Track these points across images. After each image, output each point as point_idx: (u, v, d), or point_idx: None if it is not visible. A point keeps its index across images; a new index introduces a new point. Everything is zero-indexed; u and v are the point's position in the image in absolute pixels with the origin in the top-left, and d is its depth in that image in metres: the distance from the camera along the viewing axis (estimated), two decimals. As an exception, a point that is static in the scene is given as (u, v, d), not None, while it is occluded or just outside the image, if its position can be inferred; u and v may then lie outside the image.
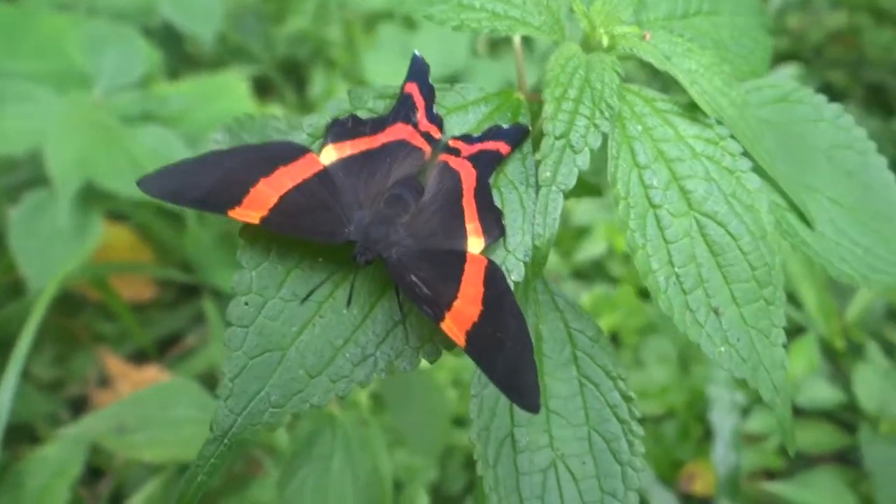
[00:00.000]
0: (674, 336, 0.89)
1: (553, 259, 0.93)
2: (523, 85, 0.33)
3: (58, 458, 0.63)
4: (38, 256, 0.80)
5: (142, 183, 0.23)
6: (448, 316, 0.23)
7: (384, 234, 0.25)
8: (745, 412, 0.74)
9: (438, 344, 0.25)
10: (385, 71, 1.01)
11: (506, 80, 0.96)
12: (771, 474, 0.69)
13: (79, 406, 0.86)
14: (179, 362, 0.88)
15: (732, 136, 0.29)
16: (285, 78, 1.27)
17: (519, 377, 0.23)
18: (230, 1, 1.29)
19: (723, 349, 0.28)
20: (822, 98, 0.35)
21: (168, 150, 0.79)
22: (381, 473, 0.51)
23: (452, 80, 1.01)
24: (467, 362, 0.77)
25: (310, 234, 0.24)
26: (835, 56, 1.14)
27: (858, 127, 0.35)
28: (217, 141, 0.35)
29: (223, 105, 1.00)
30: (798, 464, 0.69)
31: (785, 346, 0.29)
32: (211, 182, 0.24)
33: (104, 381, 0.89)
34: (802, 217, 0.32)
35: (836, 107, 0.35)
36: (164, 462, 0.59)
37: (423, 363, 0.25)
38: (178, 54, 1.23)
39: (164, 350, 0.91)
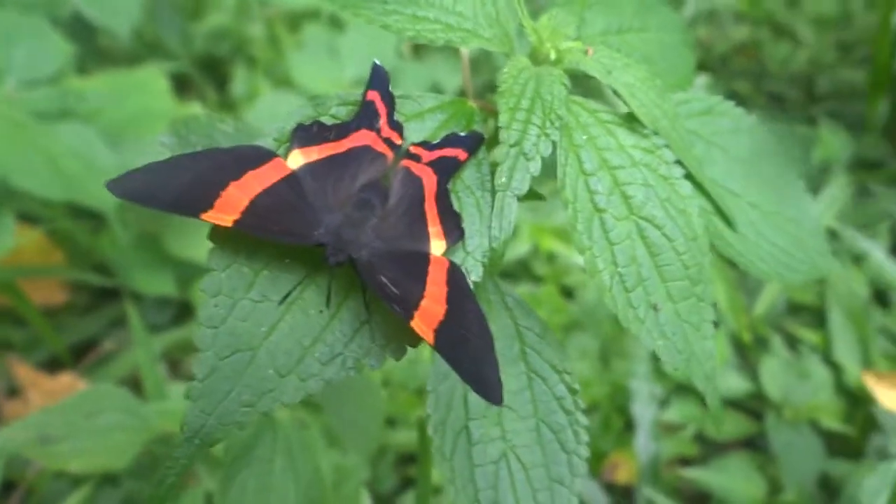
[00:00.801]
0: (596, 332, 0.93)
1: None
2: (470, 93, 0.34)
3: (13, 441, 0.59)
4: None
5: (111, 185, 0.23)
6: (417, 315, 0.24)
7: (354, 236, 0.25)
8: (663, 403, 0.78)
9: (404, 342, 0.26)
10: (311, 71, 1.01)
11: (432, 83, 0.97)
12: (687, 461, 0.74)
13: (-13, 417, 0.82)
14: (97, 368, 0.85)
15: (667, 146, 0.32)
16: (205, 75, 1.24)
17: (483, 372, 0.24)
18: (148, -7, 1.25)
19: (661, 343, 0.30)
20: (741, 110, 0.38)
21: (88, 148, 0.76)
22: (321, 474, 0.51)
23: (380, 82, 1.02)
24: (397, 364, 0.78)
25: (282, 235, 0.25)
26: (739, 67, 1.22)
27: (772, 138, 0.39)
28: (164, 143, 0.35)
29: (141, 102, 0.97)
30: (711, 450, 0.73)
31: (713, 339, 0.32)
32: (181, 185, 0.24)
33: (13, 391, 0.85)
34: (727, 220, 0.35)
35: (752, 118, 0.38)
36: (92, 472, 0.58)
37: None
38: (90, 48, 1.18)
39: (79, 356, 0.88)
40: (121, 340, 0.90)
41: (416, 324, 0.24)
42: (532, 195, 0.33)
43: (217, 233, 0.25)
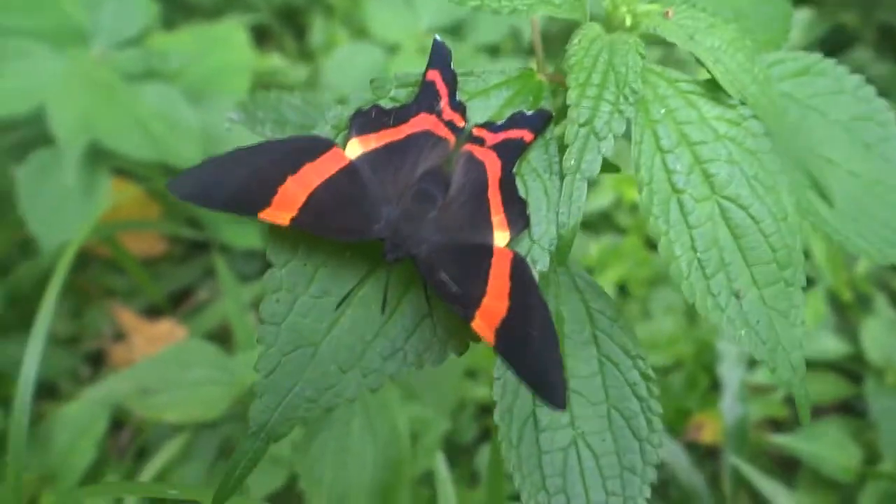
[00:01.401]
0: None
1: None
2: (542, 65, 0.32)
3: (82, 417, 0.64)
4: (48, 216, 0.80)
5: (170, 186, 0.23)
6: (478, 314, 0.24)
7: (413, 230, 0.25)
8: (752, 363, 0.75)
9: (465, 338, 0.25)
10: (387, 20, 0.99)
11: (512, 30, 0.94)
12: (777, 424, 0.71)
13: (97, 361, 0.87)
14: (192, 316, 0.89)
15: (755, 116, 0.29)
16: (284, 26, 1.24)
17: (546, 375, 0.23)
18: (229, -55, 1.25)
19: (743, 332, 0.28)
20: (843, 69, 0.35)
21: (171, 108, 0.78)
22: (398, 432, 0.52)
23: (455, 30, 0.99)
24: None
25: (340, 233, 0.24)
26: (847, -5, 1.11)
27: (879, 98, 0.35)
28: (232, 119, 0.35)
29: (222, 57, 0.98)
30: (803, 413, 0.70)
31: (803, 326, 0.30)
32: (238, 183, 0.24)
33: (119, 336, 0.90)
34: (823, 194, 0.32)
35: (856, 78, 0.35)
36: (186, 422, 0.61)
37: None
38: (175, 3, 1.20)
39: (176, 304, 0.92)
40: (213, 289, 0.94)
41: (477, 324, 0.24)
42: (607, 167, 0.32)
43: (275, 227, 0.25)
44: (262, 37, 1.19)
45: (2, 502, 0.49)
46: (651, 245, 0.94)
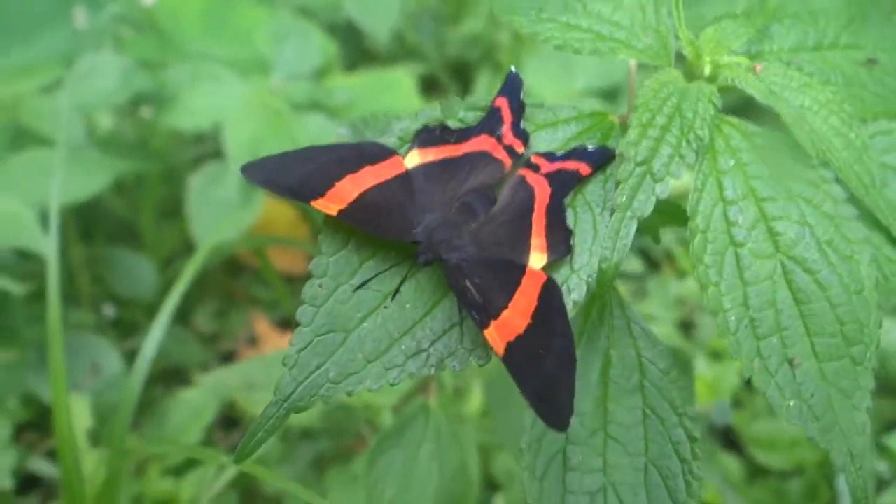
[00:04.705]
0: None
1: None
2: (631, 107, 0.33)
3: (196, 402, 0.70)
4: (208, 220, 0.89)
5: (244, 168, 0.27)
6: (493, 324, 0.24)
7: (447, 237, 0.26)
8: (882, 484, 0.67)
9: (490, 349, 0.26)
10: (543, 79, 1.02)
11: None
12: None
13: (229, 359, 0.95)
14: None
15: (838, 180, 0.28)
16: (452, 78, 1.31)
17: (553, 395, 0.23)
18: (413, 2, 1.36)
19: (792, 403, 0.26)
20: (968, 149, 0.32)
21: (327, 137, 0.85)
22: (468, 469, 0.52)
23: (610, 94, 1.00)
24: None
25: (380, 230, 0.26)
26: None
27: None
28: (341, 135, 0.38)
29: (389, 99, 1.06)
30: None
31: (869, 411, 0.27)
32: (303, 174, 0.26)
33: (252, 341, 0.97)
34: (918, 276, 0.30)
35: (983, 159, 0.32)
36: (299, 423, 0.65)
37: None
38: (358, 49, 1.31)
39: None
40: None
41: (490, 333, 0.24)
42: (677, 219, 0.31)
43: (330, 220, 0.27)
44: (430, 86, 1.26)
45: (107, 463, 0.54)
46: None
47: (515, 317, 0.24)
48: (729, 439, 0.84)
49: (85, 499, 0.48)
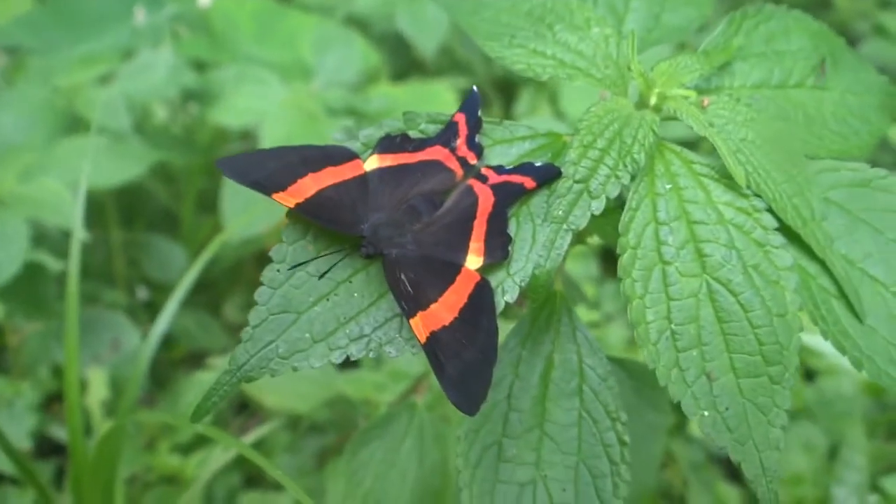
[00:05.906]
0: (828, 428, 0.83)
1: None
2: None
3: (209, 383, 0.74)
4: (239, 214, 0.94)
5: (220, 162, 0.30)
6: (420, 314, 0.27)
7: (390, 235, 0.29)
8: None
9: (424, 340, 0.28)
10: (577, 101, 1.04)
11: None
12: None
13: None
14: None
15: (770, 210, 0.29)
16: (497, 94, 1.34)
17: (469, 383, 0.26)
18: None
19: (706, 413, 0.28)
20: (916, 190, 0.33)
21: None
22: (447, 467, 0.54)
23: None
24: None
25: (330, 223, 0.29)
26: None
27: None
28: (336, 139, 0.41)
29: (428, 110, 1.09)
30: None
31: (783, 429, 0.29)
32: (270, 170, 0.29)
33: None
34: (852, 308, 0.31)
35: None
36: (280, 409, 0.68)
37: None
38: (408, 59, 1.35)
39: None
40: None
41: (416, 322, 0.27)
42: (608, 233, 0.33)
43: (290, 213, 0.30)
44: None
45: (117, 434, 0.58)
46: (808, 376, 0.87)
47: (443, 310, 0.27)
48: (731, 469, 0.84)
49: (88, 461, 0.52)
